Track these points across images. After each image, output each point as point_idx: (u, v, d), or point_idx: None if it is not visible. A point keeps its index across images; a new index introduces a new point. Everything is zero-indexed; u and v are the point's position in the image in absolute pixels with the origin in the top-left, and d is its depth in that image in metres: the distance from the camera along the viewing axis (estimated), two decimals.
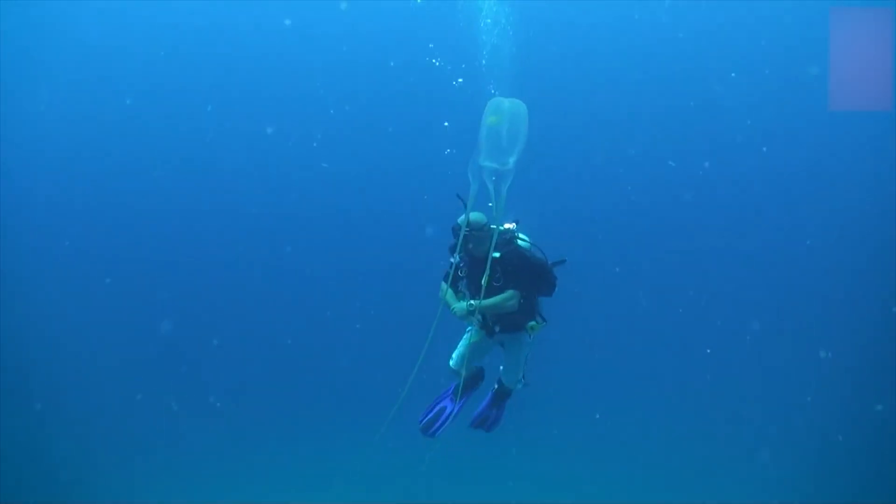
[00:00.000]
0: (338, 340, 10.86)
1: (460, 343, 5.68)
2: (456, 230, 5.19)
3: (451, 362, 5.65)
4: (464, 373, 5.51)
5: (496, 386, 5.79)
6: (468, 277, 5.34)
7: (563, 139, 10.63)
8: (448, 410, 5.74)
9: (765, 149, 10.40)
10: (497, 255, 5.16)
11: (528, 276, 5.27)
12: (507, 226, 5.29)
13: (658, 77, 10.66)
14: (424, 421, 5.73)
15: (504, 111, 4.71)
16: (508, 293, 5.21)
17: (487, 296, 5.09)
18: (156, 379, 10.01)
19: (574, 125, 10.74)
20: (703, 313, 10.31)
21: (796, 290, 10.09)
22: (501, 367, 5.74)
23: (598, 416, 10.00)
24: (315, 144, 11.12)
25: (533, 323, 5.37)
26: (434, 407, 5.82)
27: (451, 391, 5.81)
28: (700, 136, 10.63)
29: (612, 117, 10.64)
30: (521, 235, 5.41)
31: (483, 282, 5.01)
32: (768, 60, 10.29)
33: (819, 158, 10.19)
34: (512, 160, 4.61)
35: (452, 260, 5.21)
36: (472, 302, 5.20)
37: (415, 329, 5.22)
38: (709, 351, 10.24)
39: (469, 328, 5.64)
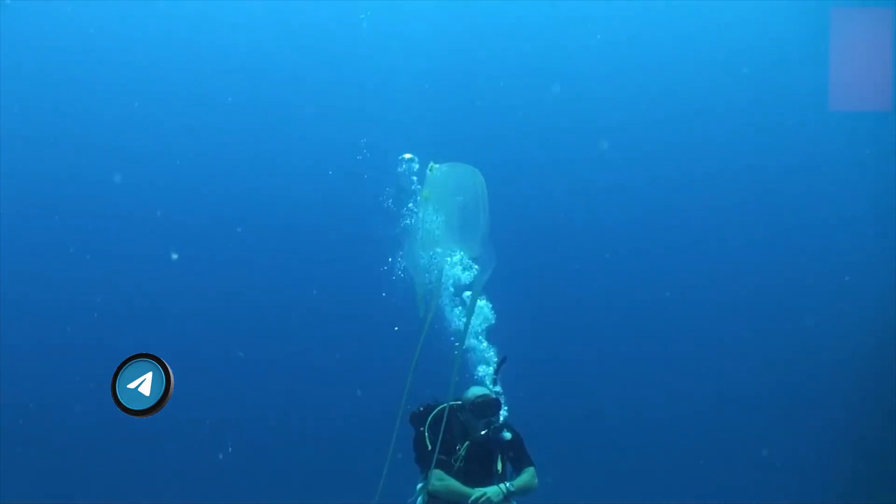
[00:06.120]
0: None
1: None
2: (450, 411, 4.35)
3: None
4: None
5: None
6: (466, 464, 4.42)
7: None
8: None
9: (764, 149, 10.39)
10: (509, 435, 4.48)
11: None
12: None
13: (655, 77, 10.65)
14: None
15: (447, 183, 3.65)
16: (531, 471, 4.50)
17: (485, 484, 4.32)
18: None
19: (560, 125, 10.69)
20: (701, 316, 10.28)
21: (794, 292, 10.08)
22: None
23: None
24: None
25: None
26: None
27: None
28: (698, 138, 10.62)
29: (607, 120, 10.61)
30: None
31: (499, 467, 4.38)
32: (768, 60, 10.28)
33: (819, 159, 10.19)
34: (474, 246, 3.61)
35: (468, 438, 4.39)
36: (507, 484, 4.34)
37: None
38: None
39: None
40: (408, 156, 4.50)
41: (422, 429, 4.50)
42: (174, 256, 9.62)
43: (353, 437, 8.80)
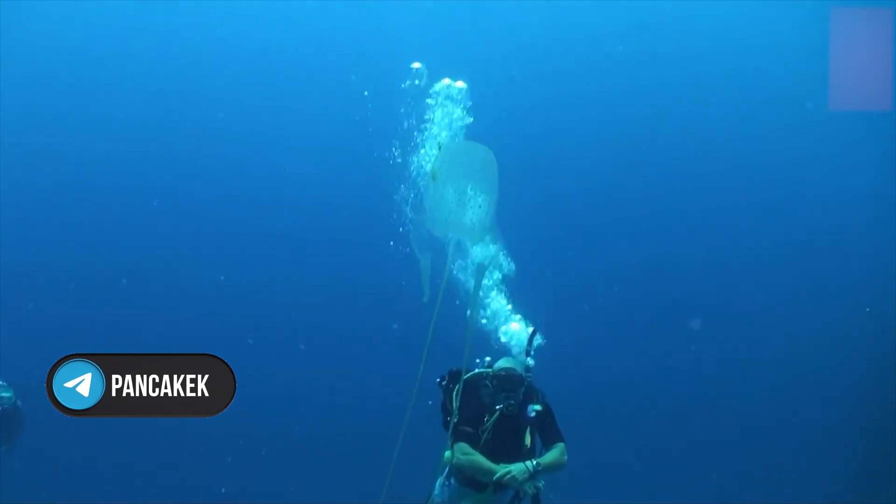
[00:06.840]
0: None
1: None
2: (477, 379, 4.12)
3: None
4: None
5: None
6: (493, 436, 4.10)
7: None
8: None
9: (764, 149, 10.41)
10: (538, 407, 4.15)
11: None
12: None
13: (656, 77, 10.67)
14: None
15: (458, 162, 3.41)
16: (560, 447, 4.16)
17: (512, 459, 4.03)
18: None
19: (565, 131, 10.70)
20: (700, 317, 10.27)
21: (795, 292, 10.08)
22: None
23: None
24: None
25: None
26: None
27: None
28: (698, 138, 10.64)
29: (605, 121, 10.63)
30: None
31: (527, 441, 4.10)
32: (769, 60, 10.31)
33: (819, 158, 10.21)
34: (482, 227, 3.36)
35: (495, 410, 4.05)
36: (534, 462, 4.03)
37: None
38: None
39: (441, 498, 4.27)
40: (416, 65, 4.25)
41: (449, 389, 4.25)
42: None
43: (358, 431, 8.73)
